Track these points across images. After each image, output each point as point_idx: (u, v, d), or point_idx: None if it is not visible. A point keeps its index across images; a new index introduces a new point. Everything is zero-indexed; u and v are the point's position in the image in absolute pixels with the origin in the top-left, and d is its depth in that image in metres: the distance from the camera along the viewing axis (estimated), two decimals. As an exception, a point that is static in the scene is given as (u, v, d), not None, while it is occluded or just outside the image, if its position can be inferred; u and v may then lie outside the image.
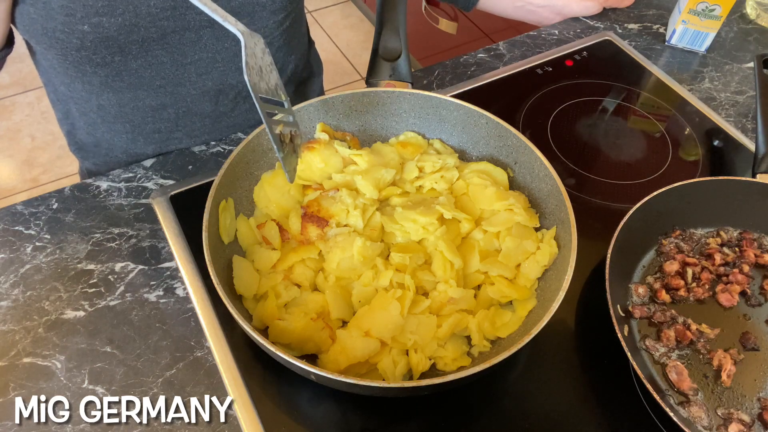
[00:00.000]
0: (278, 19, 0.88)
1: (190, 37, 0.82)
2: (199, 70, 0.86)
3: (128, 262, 0.74)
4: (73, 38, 0.76)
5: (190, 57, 0.84)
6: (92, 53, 0.79)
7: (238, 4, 0.82)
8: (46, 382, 0.65)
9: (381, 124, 0.79)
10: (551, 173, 0.68)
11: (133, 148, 0.93)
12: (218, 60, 0.87)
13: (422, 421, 0.64)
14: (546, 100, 0.96)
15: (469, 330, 0.64)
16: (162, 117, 0.90)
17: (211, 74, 0.88)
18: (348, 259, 0.66)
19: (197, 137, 0.94)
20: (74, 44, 0.77)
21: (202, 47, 0.84)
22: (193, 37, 0.82)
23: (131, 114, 0.89)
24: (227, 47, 0.86)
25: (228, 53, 0.87)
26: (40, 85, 2.49)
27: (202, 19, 0.81)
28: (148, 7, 0.77)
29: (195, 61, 0.85)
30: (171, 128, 0.92)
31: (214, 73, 0.87)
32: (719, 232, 0.78)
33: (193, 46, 0.83)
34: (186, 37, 0.82)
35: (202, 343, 0.68)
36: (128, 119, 0.90)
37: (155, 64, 0.83)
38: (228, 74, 0.89)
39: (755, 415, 0.63)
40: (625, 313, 0.70)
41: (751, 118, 0.95)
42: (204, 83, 0.88)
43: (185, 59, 0.84)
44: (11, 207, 0.79)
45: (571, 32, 1.08)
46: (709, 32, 1.03)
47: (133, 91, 0.86)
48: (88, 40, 0.77)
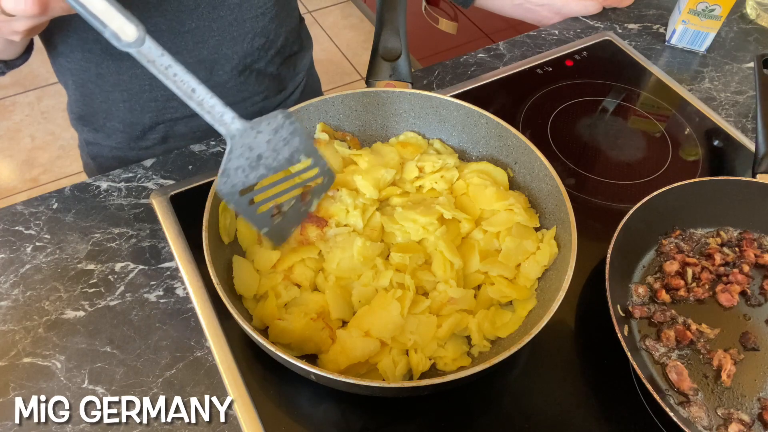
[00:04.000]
0: None
1: (187, 4, 0.83)
2: (195, 38, 0.87)
3: (128, 262, 0.74)
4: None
5: (187, 25, 0.85)
6: None
7: None
8: (46, 382, 0.65)
9: (381, 124, 0.79)
10: (551, 173, 0.68)
11: (130, 117, 0.94)
12: (213, 29, 0.87)
13: (422, 421, 0.64)
14: (546, 100, 0.96)
15: (469, 330, 0.64)
16: (159, 85, 0.90)
17: (206, 43, 0.89)
18: (348, 259, 0.66)
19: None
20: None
21: (198, 15, 0.85)
22: (191, 4, 0.83)
23: (128, 82, 0.90)
24: (222, 16, 0.87)
25: (223, 22, 0.88)
26: (40, 85, 2.50)
27: None
28: None
29: (192, 30, 0.86)
30: (167, 96, 0.92)
31: (210, 41, 0.88)
32: (719, 232, 0.78)
33: (190, 13, 0.84)
34: (183, 3, 0.83)
35: (202, 343, 0.68)
36: (126, 87, 0.90)
37: (154, 32, 0.83)
38: (223, 44, 0.90)
39: (755, 415, 0.63)
40: (625, 313, 0.70)
41: (751, 118, 0.95)
42: (200, 52, 0.89)
43: (182, 27, 0.85)
44: (11, 207, 0.79)
45: (571, 32, 1.08)
46: (709, 32, 1.03)
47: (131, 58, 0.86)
48: None
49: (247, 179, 0.55)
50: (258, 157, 0.54)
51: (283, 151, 0.55)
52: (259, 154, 0.54)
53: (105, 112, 0.95)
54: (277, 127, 0.54)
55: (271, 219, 0.60)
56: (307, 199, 0.62)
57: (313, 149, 0.58)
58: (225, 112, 0.51)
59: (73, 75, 0.91)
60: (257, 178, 0.55)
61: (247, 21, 0.90)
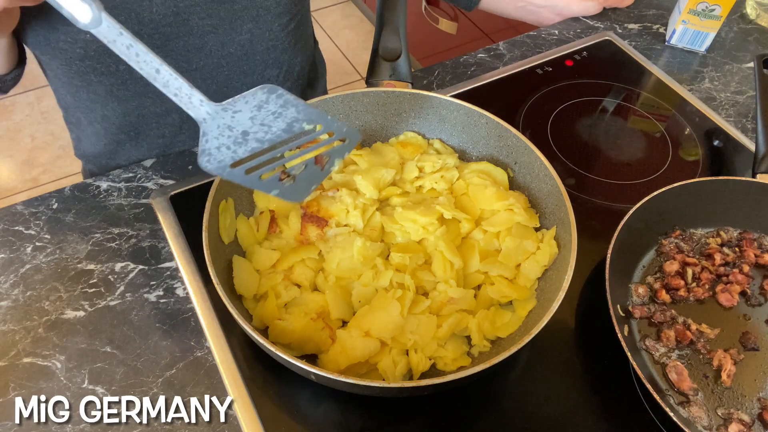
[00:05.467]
0: (283, 21, 0.87)
1: (194, 43, 0.82)
2: (203, 75, 0.86)
3: (128, 262, 0.74)
4: (76, 48, 0.76)
5: (195, 63, 0.84)
6: (96, 62, 0.79)
7: (241, 7, 0.82)
8: (46, 382, 0.65)
9: (381, 124, 0.79)
10: (551, 173, 0.68)
11: (137, 154, 0.93)
12: (223, 65, 0.86)
13: (422, 421, 0.64)
14: (546, 100, 0.96)
15: (469, 330, 0.64)
16: (166, 122, 0.90)
17: (215, 78, 0.87)
18: (348, 259, 0.66)
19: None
20: (78, 54, 0.77)
21: (207, 53, 0.84)
22: (198, 43, 0.82)
23: (136, 122, 0.89)
24: (232, 52, 0.85)
25: (233, 58, 0.86)
26: (40, 85, 2.50)
27: (205, 24, 0.81)
28: (150, 14, 0.76)
29: (200, 67, 0.85)
30: (175, 132, 0.92)
31: (219, 77, 0.87)
32: (719, 232, 0.78)
33: (198, 52, 0.83)
34: (190, 43, 0.81)
35: (202, 343, 0.68)
36: (133, 127, 0.89)
37: None
38: (233, 77, 0.88)
39: (755, 415, 0.63)
40: (625, 313, 0.70)
41: (751, 118, 0.95)
42: (208, 87, 0.87)
43: (190, 66, 0.84)
44: (11, 207, 0.79)
45: (571, 32, 1.08)
46: (709, 32, 1.03)
47: (138, 99, 0.85)
48: (92, 49, 0.77)
49: (235, 154, 0.54)
50: (243, 133, 0.53)
51: (276, 123, 0.54)
52: (244, 131, 0.53)
53: (111, 152, 0.94)
54: (259, 104, 0.52)
55: (281, 183, 0.58)
56: (324, 161, 0.61)
57: (318, 115, 0.56)
58: (192, 94, 0.50)
59: (83, 113, 0.90)
60: (248, 151, 0.54)
61: (257, 54, 0.88)
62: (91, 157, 0.97)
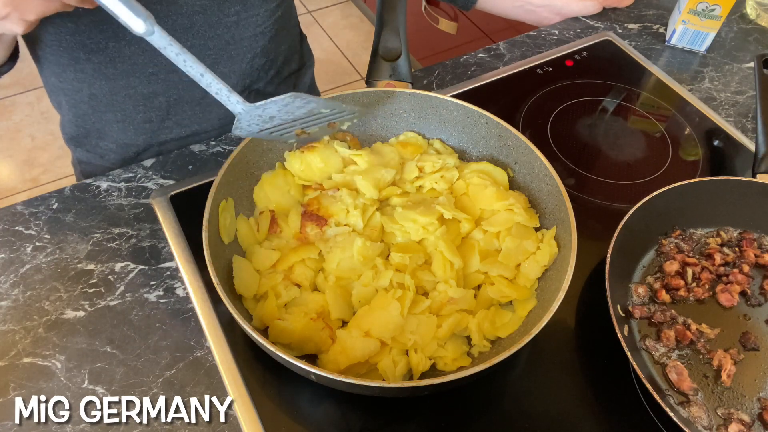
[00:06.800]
0: (270, 7, 0.89)
1: (182, 23, 0.83)
2: None
3: (128, 262, 0.74)
4: (67, 21, 0.77)
5: (182, 43, 0.85)
6: (87, 38, 0.80)
7: None
8: (46, 382, 0.65)
9: (381, 124, 0.79)
10: (551, 173, 0.68)
11: (123, 138, 0.94)
12: (210, 47, 0.87)
13: (422, 421, 0.64)
14: (546, 100, 0.96)
15: (469, 330, 0.64)
16: (153, 105, 0.90)
17: (202, 61, 0.87)
18: (348, 259, 0.66)
19: (187, 126, 0.94)
20: (69, 28, 0.78)
21: (194, 33, 0.85)
22: (186, 23, 0.83)
23: (122, 102, 0.89)
24: (219, 34, 0.86)
25: (219, 41, 0.87)
26: (41, 85, 2.48)
27: (194, 4, 0.82)
28: None
29: (187, 48, 0.85)
30: (162, 117, 0.92)
31: (206, 60, 0.88)
32: (719, 232, 0.78)
33: (186, 32, 0.84)
34: (178, 22, 0.82)
35: (202, 343, 0.68)
36: (119, 108, 0.90)
37: (148, 51, 0.83)
38: (219, 62, 0.89)
39: (755, 415, 0.63)
40: (625, 313, 0.70)
41: (751, 118, 0.95)
42: None
43: None
44: (11, 207, 0.79)
45: (571, 32, 1.08)
46: (709, 32, 1.03)
47: (125, 78, 0.86)
48: (83, 24, 0.78)
49: (263, 128, 0.64)
50: (271, 117, 0.63)
51: (299, 111, 0.63)
52: (272, 116, 0.63)
53: (98, 133, 0.94)
54: (286, 104, 0.61)
55: (297, 136, 0.68)
56: (335, 126, 0.71)
57: (334, 104, 0.66)
58: (231, 95, 0.60)
59: (66, 95, 0.90)
60: (274, 126, 0.64)
61: (245, 40, 0.89)
62: (79, 138, 0.97)
